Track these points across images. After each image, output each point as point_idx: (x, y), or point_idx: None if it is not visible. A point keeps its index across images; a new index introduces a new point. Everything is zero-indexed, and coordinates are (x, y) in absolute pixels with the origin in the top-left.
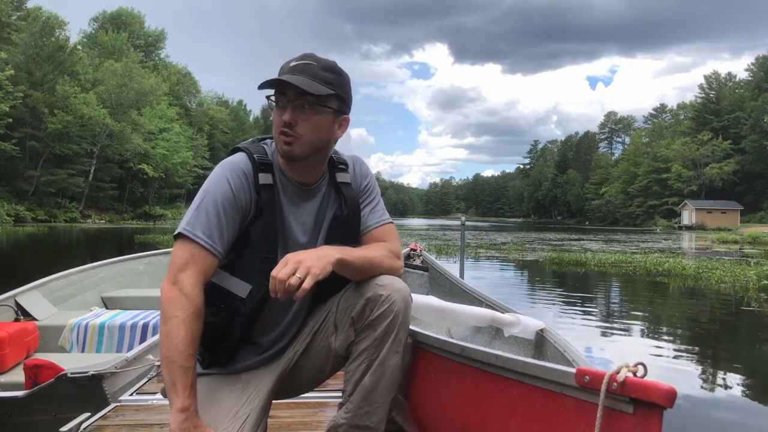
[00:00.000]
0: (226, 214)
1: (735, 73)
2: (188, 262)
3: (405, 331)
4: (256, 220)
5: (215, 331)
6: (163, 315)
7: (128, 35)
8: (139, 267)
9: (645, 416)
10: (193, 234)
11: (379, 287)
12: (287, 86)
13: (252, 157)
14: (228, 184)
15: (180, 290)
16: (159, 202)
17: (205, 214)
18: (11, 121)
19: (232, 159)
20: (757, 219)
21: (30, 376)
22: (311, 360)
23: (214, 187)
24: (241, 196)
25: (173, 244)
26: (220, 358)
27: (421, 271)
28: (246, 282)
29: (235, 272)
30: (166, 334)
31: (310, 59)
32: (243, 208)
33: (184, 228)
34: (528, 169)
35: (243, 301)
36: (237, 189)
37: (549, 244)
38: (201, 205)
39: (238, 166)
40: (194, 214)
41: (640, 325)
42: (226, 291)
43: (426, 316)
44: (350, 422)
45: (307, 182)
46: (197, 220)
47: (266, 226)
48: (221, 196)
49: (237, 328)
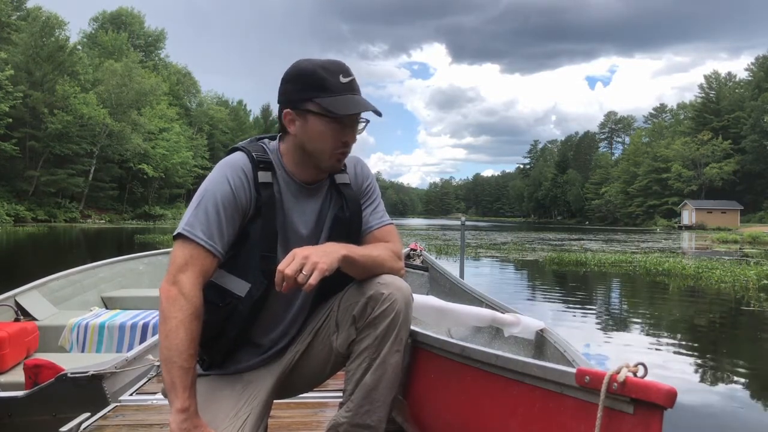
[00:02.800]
0: (226, 214)
1: (735, 73)
2: (188, 263)
3: (406, 329)
4: (255, 219)
5: (211, 329)
6: (163, 315)
7: (128, 35)
8: (139, 267)
9: (645, 416)
10: (193, 234)
11: (381, 285)
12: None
13: (251, 155)
14: (228, 183)
15: (179, 291)
16: (159, 202)
17: (205, 214)
18: (11, 121)
19: (231, 158)
20: (757, 219)
21: (30, 376)
22: (312, 359)
23: (213, 187)
24: (241, 195)
25: (173, 244)
26: (216, 357)
27: (421, 271)
28: (244, 281)
29: (233, 271)
30: (166, 335)
31: (352, 73)
32: (242, 207)
33: (184, 228)
34: (528, 169)
35: (241, 300)
36: (236, 188)
37: (549, 244)
38: (200, 205)
39: (237, 165)
40: (193, 213)
41: (640, 325)
42: (224, 289)
43: (426, 316)
44: (351, 421)
45: (310, 181)
46: (197, 219)
47: (266, 225)
48: (221, 195)
49: (233, 327)
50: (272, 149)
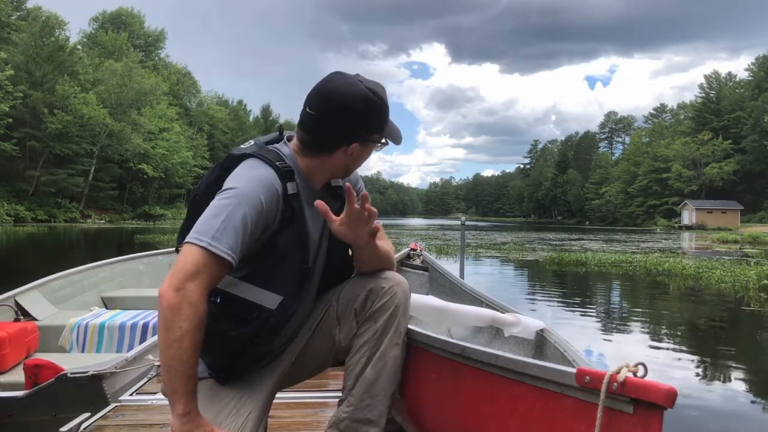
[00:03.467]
0: (252, 230)
1: (735, 73)
2: (201, 271)
3: (405, 323)
4: (281, 231)
5: (240, 344)
6: (166, 323)
7: (128, 35)
8: (139, 267)
9: (645, 416)
10: (218, 247)
11: (381, 279)
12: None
13: (276, 166)
14: (260, 200)
15: (185, 299)
16: (159, 202)
17: (233, 228)
18: (11, 121)
19: (261, 173)
20: (758, 219)
21: (30, 376)
22: (313, 354)
23: (245, 202)
24: (268, 210)
25: (176, 246)
26: (240, 370)
27: (421, 271)
28: (275, 293)
29: (259, 283)
30: (169, 344)
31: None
32: (267, 221)
33: (210, 242)
34: (528, 169)
35: (272, 313)
36: (267, 204)
37: (549, 244)
38: (228, 218)
39: (270, 182)
40: (221, 227)
41: (640, 325)
42: (252, 303)
43: (426, 316)
44: (352, 416)
45: (320, 186)
46: (224, 233)
47: (299, 236)
48: (251, 211)
49: (265, 340)
50: (288, 155)
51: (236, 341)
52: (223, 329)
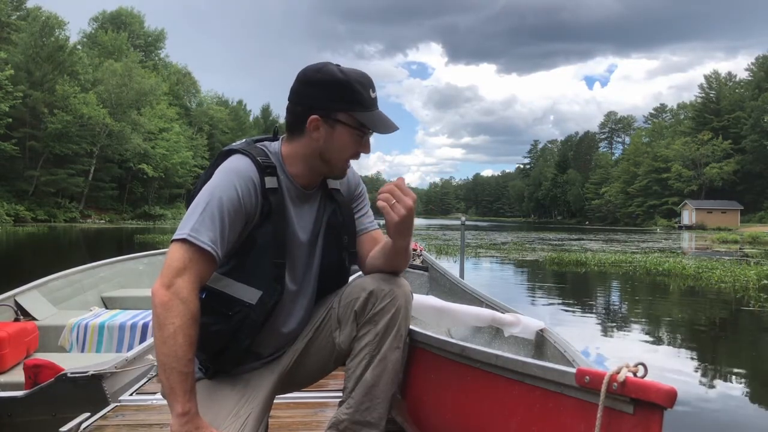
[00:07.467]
0: (231, 220)
1: (735, 73)
2: (186, 266)
3: (406, 326)
4: (261, 225)
5: (221, 339)
6: (158, 321)
7: (128, 35)
8: (139, 267)
9: (645, 416)
10: (197, 238)
11: (382, 282)
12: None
13: (255, 160)
14: (235, 190)
15: (175, 295)
16: (159, 202)
17: (210, 219)
18: (11, 121)
19: (237, 164)
20: (757, 219)
21: (30, 376)
22: (314, 357)
23: (220, 192)
24: (247, 202)
25: (171, 246)
26: (226, 366)
27: (421, 271)
28: (255, 288)
29: (241, 278)
30: (163, 341)
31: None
32: (247, 214)
33: (189, 234)
34: (528, 169)
35: (252, 308)
36: (243, 195)
37: (549, 244)
38: (206, 210)
39: (245, 172)
40: (198, 218)
41: (640, 325)
42: (233, 298)
43: (426, 316)
44: (352, 418)
45: (309, 185)
46: (202, 224)
47: (276, 231)
48: (227, 201)
49: (246, 335)
50: (273, 152)
51: (216, 336)
52: (204, 323)
